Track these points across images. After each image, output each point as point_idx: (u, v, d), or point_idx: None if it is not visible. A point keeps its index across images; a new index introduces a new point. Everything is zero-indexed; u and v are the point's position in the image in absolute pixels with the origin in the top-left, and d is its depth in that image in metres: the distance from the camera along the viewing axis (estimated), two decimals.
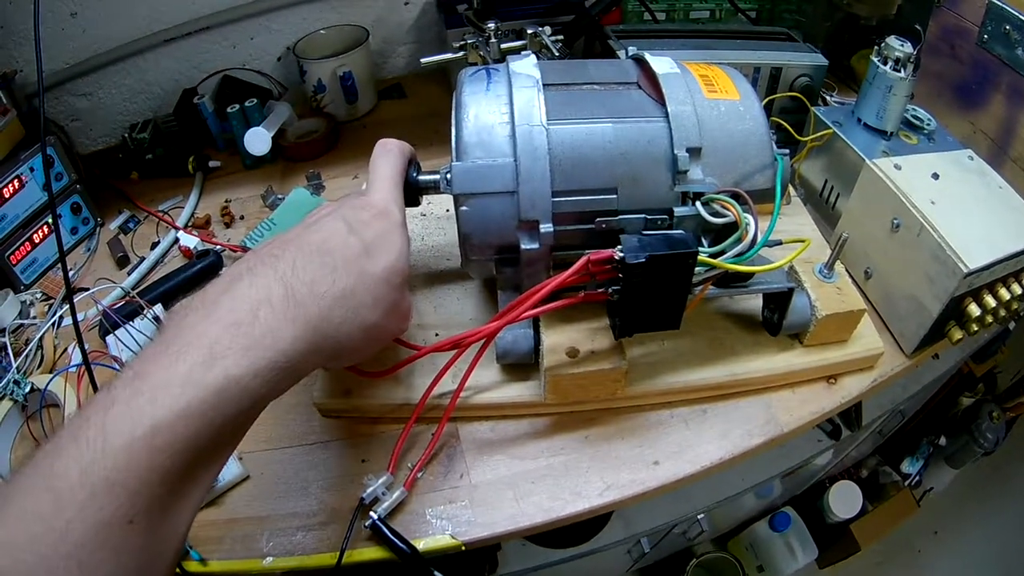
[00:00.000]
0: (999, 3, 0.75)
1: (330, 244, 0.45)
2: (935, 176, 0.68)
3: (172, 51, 1.05)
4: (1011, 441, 1.63)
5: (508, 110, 0.55)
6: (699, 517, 1.26)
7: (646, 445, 0.62)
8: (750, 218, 0.53)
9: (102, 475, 0.32)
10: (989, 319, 0.65)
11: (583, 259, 0.50)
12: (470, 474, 0.60)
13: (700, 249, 0.51)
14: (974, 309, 0.64)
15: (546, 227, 0.54)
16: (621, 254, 0.49)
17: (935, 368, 1.05)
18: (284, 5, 1.06)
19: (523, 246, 0.55)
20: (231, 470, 0.60)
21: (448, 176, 0.55)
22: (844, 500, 1.58)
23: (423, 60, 0.86)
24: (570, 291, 0.53)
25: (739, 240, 0.53)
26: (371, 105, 1.12)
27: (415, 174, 0.58)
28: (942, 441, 1.64)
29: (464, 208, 0.55)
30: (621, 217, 0.55)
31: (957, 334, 0.67)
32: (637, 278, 0.50)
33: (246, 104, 0.96)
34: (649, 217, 0.55)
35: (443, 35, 1.06)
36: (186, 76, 1.07)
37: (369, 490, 0.57)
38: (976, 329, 0.66)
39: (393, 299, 0.47)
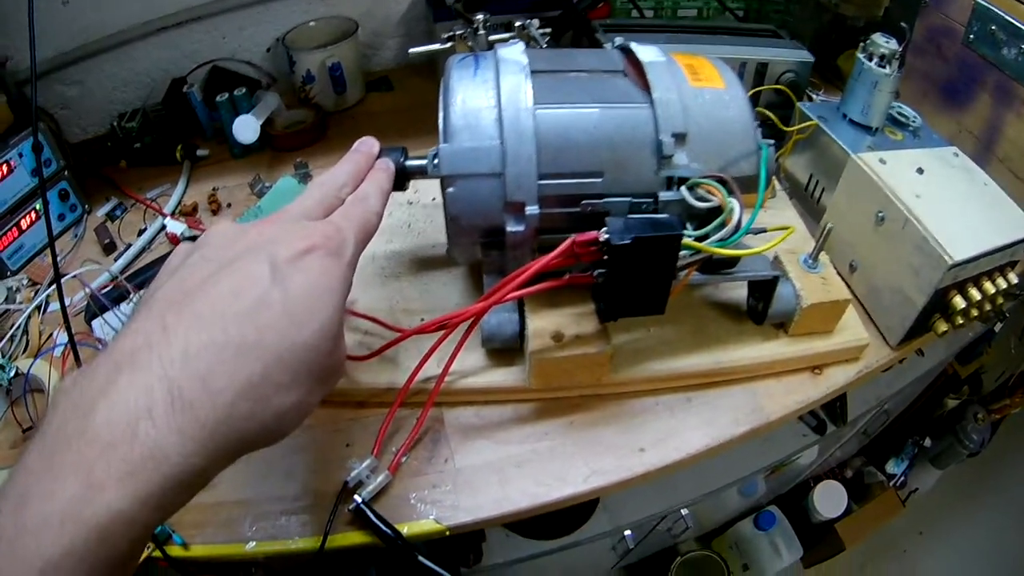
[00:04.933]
0: (985, 3, 0.76)
1: (242, 302, 0.35)
2: (920, 171, 0.68)
3: (162, 41, 1.04)
4: (996, 442, 1.64)
5: (495, 94, 0.55)
6: (684, 513, 1.26)
7: (631, 432, 0.62)
8: (735, 203, 0.53)
9: None
10: (974, 312, 0.66)
11: (568, 240, 0.50)
12: (454, 459, 0.60)
13: (685, 232, 0.52)
14: (959, 301, 0.65)
15: (532, 209, 0.54)
16: (607, 235, 0.49)
17: (919, 365, 1.05)
18: None
19: (509, 228, 0.55)
20: None
21: (436, 159, 0.55)
22: (829, 500, 1.59)
23: (411, 50, 0.86)
24: (555, 274, 0.53)
25: (723, 224, 0.53)
26: (359, 96, 1.12)
27: (403, 159, 0.57)
28: (927, 442, 1.65)
29: (451, 190, 0.55)
30: (606, 200, 0.55)
31: (942, 326, 0.67)
32: (622, 260, 0.50)
33: (235, 93, 0.96)
34: (634, 201, 0.55)
35: (431, 28, 1.06)
36: (176, 66, 1.06)
37: (353, 473, 0.56)
38: (961, 321, 0.67)
39: (320, 368, 0.38)
